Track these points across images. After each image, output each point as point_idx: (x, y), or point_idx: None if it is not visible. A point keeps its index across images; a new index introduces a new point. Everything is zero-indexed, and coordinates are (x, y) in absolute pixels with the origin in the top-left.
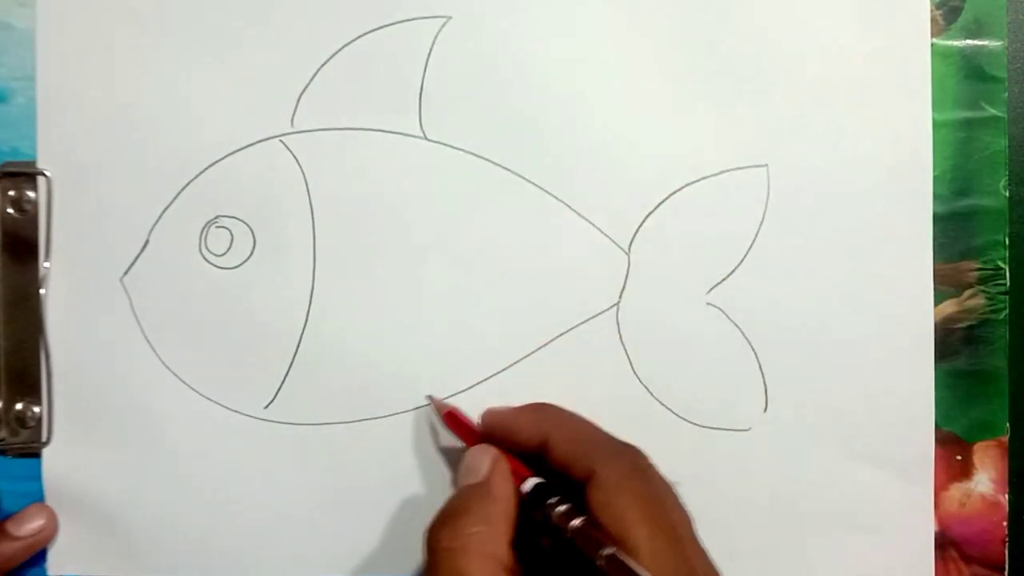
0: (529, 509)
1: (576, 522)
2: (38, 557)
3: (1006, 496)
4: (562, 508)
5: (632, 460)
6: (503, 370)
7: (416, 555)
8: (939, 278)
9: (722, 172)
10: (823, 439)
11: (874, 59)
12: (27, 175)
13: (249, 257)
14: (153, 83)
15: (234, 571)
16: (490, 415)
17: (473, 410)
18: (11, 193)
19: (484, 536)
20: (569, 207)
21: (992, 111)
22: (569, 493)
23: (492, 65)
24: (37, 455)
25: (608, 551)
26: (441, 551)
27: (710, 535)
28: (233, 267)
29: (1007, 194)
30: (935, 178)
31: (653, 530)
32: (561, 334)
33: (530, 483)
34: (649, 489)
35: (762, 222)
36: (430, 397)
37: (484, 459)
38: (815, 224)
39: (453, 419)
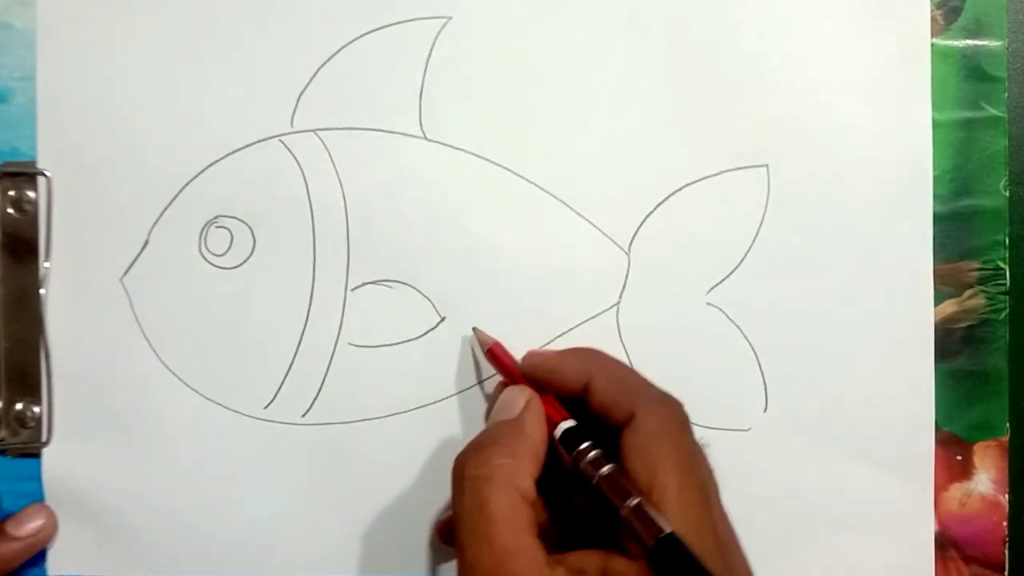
0: (560, 455)
1: (605, 469)
2: (38, 557)
3: (1006, 496)
4: (593, 454)
5: (674, 410)
6: None
7: (416, 555)
8: (939, 278)
9: (722, 172)
10: (823, 439)
11: (874, 59)
12: (27, 175)
13: (249, 257)
14: (153, 83)
15: (234, 571)
16: (532, 355)
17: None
18: (11, 193)
19: (510, 468)
20: (569, 207)
21: (992, 111)
22: (602, 442)
23: (492, 65)
24: (37, 455)
25: (634, 501)
26: (467, 479)
27: None
28: (233, 267)
29: (1007, 194)
30: (935, 178)
31: (684, 482)
32: (561, 334)
33: (563, 426)
34: (686, 442)
35: (762, 222)
36: (475, 329)
37: (520, 398)
38: (815, 224)
39: (494, 355)
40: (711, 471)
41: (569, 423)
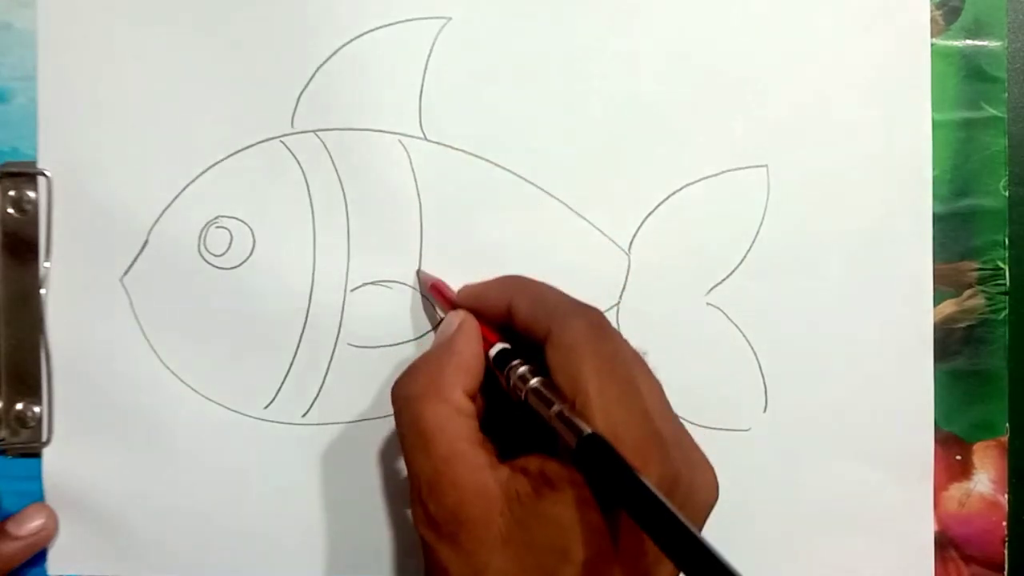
0: (497, 376)
1: (533, 382)
2: (38, 557)
3: (1006, 496)
4: (521, 370)
5: (589, 319)
6: None
7: (415, 555)
8: (939, 278)
9: (722, 172)
10: (823, 439)
11: (874, 59)
12: (27, 175)
13: (249, 257)
14: (153, 83)
15: (234, 571)
16: (464, 288)
17: None
18: (11, 193)
19: (437, 383)
20: (569, 207)
21: (992, 111)
22: (537, 360)
23: (492, 65)
24: (37, 455)
25: (556, 408)
26: (399, 399)
27: (710, 535)
28: (233, 267)
29: (1007, 194)
30: (935, 178)
31: (603, 385)
32: None
33: (496, 348)
34: (604, 346)
35: (762, 222)
36: (419, 271)
37: (454, 320)
38: (815, 224)
39: (436, 289)
40: (646, 373)
41: (502, 345)
